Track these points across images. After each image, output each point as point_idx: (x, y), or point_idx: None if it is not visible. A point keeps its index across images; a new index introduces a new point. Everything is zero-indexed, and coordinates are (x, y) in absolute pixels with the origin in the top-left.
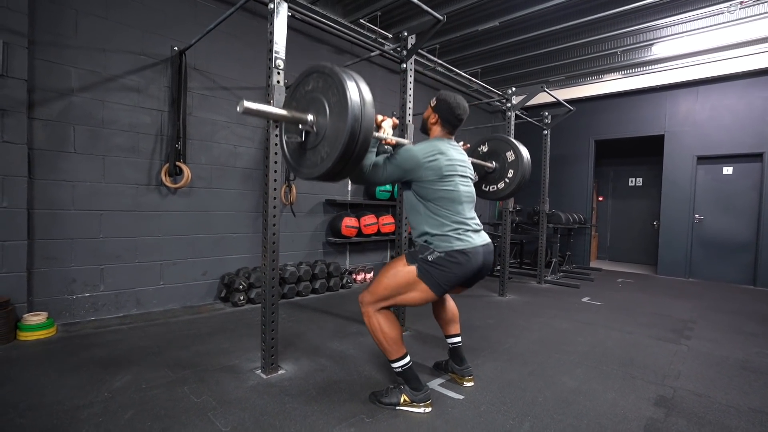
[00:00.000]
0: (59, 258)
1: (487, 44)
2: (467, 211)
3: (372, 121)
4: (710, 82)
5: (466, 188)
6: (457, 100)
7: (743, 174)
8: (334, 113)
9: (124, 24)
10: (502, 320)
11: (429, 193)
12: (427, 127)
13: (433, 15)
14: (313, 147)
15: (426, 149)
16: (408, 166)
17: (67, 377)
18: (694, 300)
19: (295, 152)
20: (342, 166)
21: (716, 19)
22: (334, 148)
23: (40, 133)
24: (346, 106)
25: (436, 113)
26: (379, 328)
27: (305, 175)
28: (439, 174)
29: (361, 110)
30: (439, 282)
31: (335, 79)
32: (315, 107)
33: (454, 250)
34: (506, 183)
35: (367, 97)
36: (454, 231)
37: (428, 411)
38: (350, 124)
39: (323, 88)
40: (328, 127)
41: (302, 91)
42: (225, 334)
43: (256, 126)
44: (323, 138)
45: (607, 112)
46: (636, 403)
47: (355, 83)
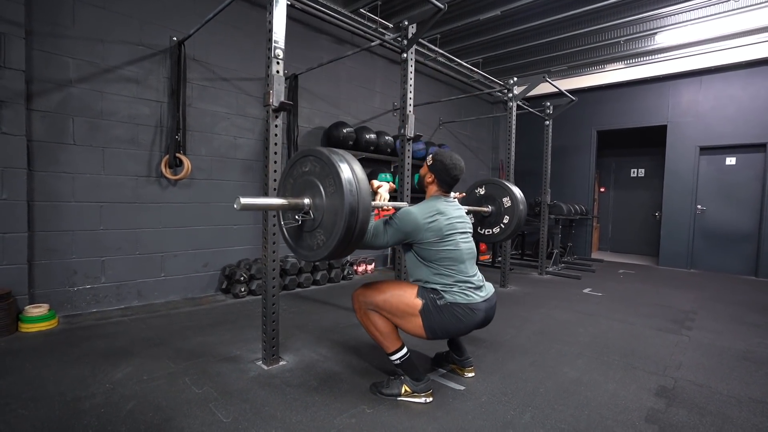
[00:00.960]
0: (60, 250)
1: (489, 34)
2: (469, 268)
3: (369, 210)
4: (714, 72)
5: (467, 245)
6: (453, 160)
7: (746, 164)
8: (330, 201)
9: (122, 14)
10: (503, 311)
11: (431, 255)
12: (424, 185)
13: (434, 4)
14: (311, 231)
15: (425, 210)
16: (408, 229)
17: (68, 369)
18: (695, 291)
19: (293, 234)
20: (340, 251)
21: (721, 7)
22: (330, 237)
23: (38, 125)
24: (342, 198)
25: (432, 173)
26: (372, 323)
27: (304, 257)
28: (439, 234)
29: (357, 201)
30: (435, 328)
31: (332, 171)
32: (311, 191)
33: (458, 303)
34: (501, 229)
35: (364, 185)
36: (459, 289)
37: (429, 401)
38: (347, 215)
39: (320, 174)
40: (325, 212)
41: (299, 171)
42: (226, 326)
43: (256, 117)
44: (319, 224)
45: (609, 102)
46: (637, 393)
47: (351, 172)
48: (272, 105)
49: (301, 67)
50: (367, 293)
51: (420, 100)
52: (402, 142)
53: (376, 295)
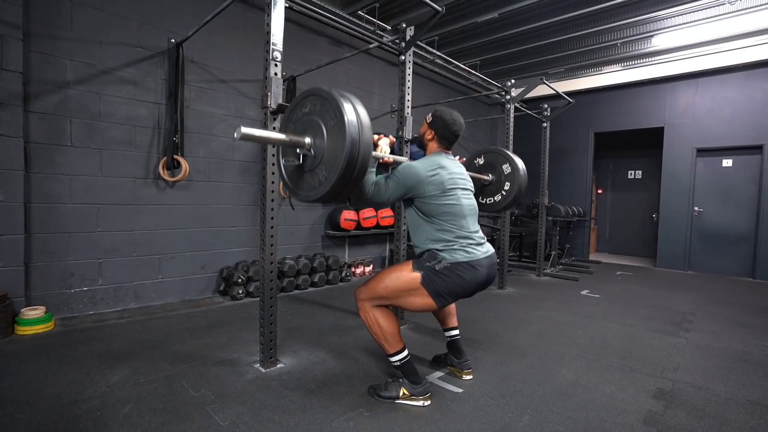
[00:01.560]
0: (57, 252)
1: (486, 36)
2: (471, 224)
3: (370, 143)
4: (710, 74)
5: (468, 201)
6: (452, 116)
7: (743, 166)
8: (331, 136)
9: (120, 16)
10: (501, 313)
11: (432, 209)
12: (424, 143)
13: (432, 6)
14: (311, 170)
15: (427, 164)
16: (410, 183)
17: (65, 371)
18: (693, 292)
19: (293, 175)
20: (341, 188)
21: (717, 10)
22: (332, 171)
23: (36, 127)
24: (343, 129)
25: (432, 129)
26: (375, 323)
27: (304, 198)
28: (441, 188)
29: (359, 132)
30: (442, 292)
31: (332, 103)
32: (312, 130)
33: (460, 261)
34: (503, 195)
35: (365, 119)
36: (459, 245)
37: (427, 404)
38: (348, 146)
39: (320, 111)
40: (326, 150)
41: (299, 113)
42: (224, 328)
43: (254, 119)
44: (321, 161)
45: (606, 104)
46: (635, 395)
47: (352, 106)
48: (270, 107)
49: (299, 68)
50: (368, 287)
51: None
52: (400, 144)
53: (376, 285)
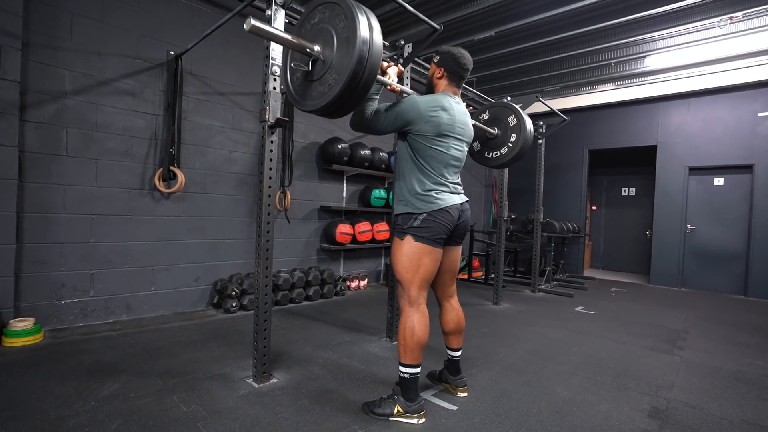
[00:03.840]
0: (48, 262)
1: (483, 53)
2: (451, 174)
3: (380, 48)
4: (702, 95)
5: (457, 152)
6: (460, 50)
7: (734, 185)
8: (341, 40)
9: (119, 27)
10: (496, 329)
11: (421, 149)
12: (433, 84)
13: (430, 24)
14: (320, 77)
15: (430, 102)
16: (409, 117)
17: (53, 385)
18: (686, 310)
19: (299, 85)
20: (348, 95)
21: (708, 33)
22: (341, 74)
23: (32, 136)
24: (354, 31)
25: (441, 67)
26: (411, 329)
27: (309, 107)
28: (436, 131)
29: (369, 35)
30: (433, 238)
31: (343, 5)
32: (322, 38)
33: (434, 209)
34: (509, 147)
35: (375, 24)
36: (434, 191)
37: (422, 422)
38: (359, 47)
39: (330, 18)
40: (336, 56)
41: (308, 26)
42: (217, 342)
43: (251, 132)
44: (330, 66)
45: (600, 122)
46: (630, 414)
47: (362, 9)
48: (268, 121)
49: None
50: (402, 287)
51: None
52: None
53: (401, 276)
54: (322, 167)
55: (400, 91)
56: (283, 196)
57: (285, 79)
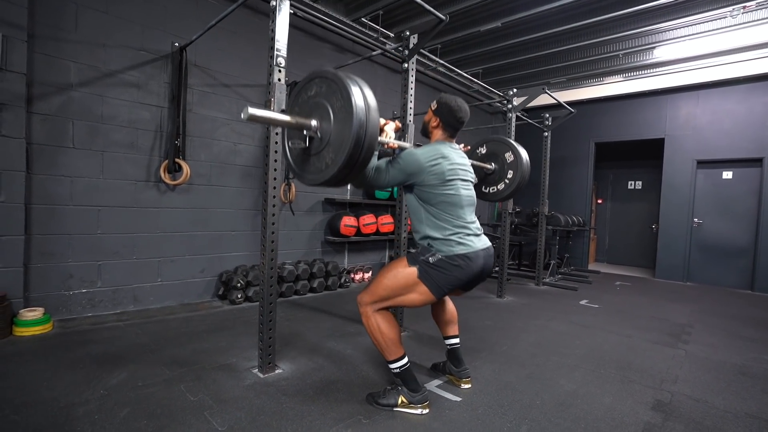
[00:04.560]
0: (57, 253)
1: (489, 45)
2: (468, 215)
3: (377, 126)
4: (711, 87)
5: (467, 192)
6: (458, 103)
7: (742, 179)
8: (338, 118)
9: (124, 19)
10: (500, 322)
11: (431, 198)
12: (428, 130)
13: (436, 15)
14: (318, 153)
15: (429, 153)
16: (411, 170)
17: (62, 374)
18: (691, 304)
19: (298, 158)
20: (347, 171)
21: (719, 23)
22: (339, 154)
23: (38, 128)
24: (350, 112)
25: (437, 116)
26: (377, 328)
27: (309, 181)
28: (441, 178)
29: (366, 115)
30: (440, 284)
31: (339, 84)
32: (318, 113)
33: (456, 254)
34: (506, 184)
35: (372, 101)
36: (456, 235)
37: (426, 413)
38: (355, 129)
39: (326, 93)
40: (333, 133)
41: (305, 97)
42: (222, 333)
43: (256, 124)
44: (327, 143)
45: (607, 114)
46: (633, 407)
47: (359, 88)
48: None
49: (302, 74)
50: (369, 290)
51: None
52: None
53: (376, 287)
54: None
55: (398, 147)
56: (287, 188)
57: (284, 149)
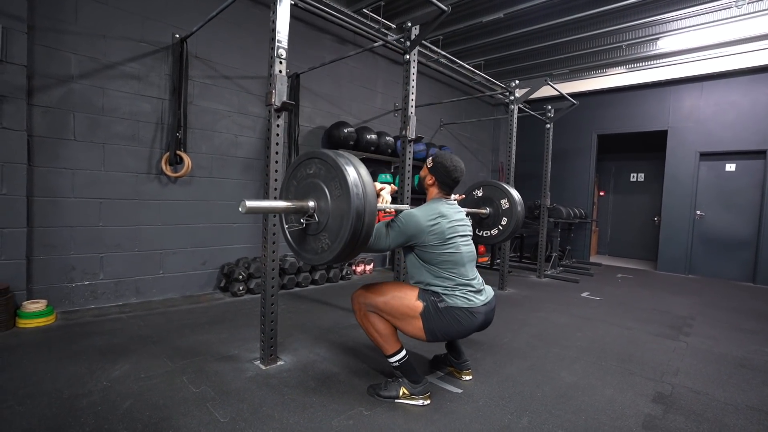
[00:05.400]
0: (59, 246)
1: (491, 36)
2: (470, 271)
3: (374, 213)
4: (715, 78)
5: (467, 248)
6: (453, 162)
7: (746, 171)
8: (335, 206)
9: (124, 10)
10: (502, 314)
11: (432, 258)
12: (424, 187)
13: (438, 6)
14: (315, 234)
15: (428, 213)
16: (411, 232)
17: (66, 365)
18: (693, 296)
19: (297, 237)
20: (345, 255)
21: (723, 14)
22: (335, 241)
23: (39, 120)
24: (348, 202)
25: (433, 175)
26: (371, 326)
27: (307, 260)
28: (442, 238)
29: (363, 205)
30: (435, 330)
31: (338, 174)
32: (316, 194)
33: (459, 307)
34: (500, 230)
35: (370, 188)
36: (459, 291)
37: (427, 404)
38: (353, 220)
39: (325, 177)
40: (330, 217)
41: (303, 173)
42: (224, 324)
43: (257, 116)
44: (324, 228)
45: (610, 106)
46: (634, 399)
47: (357, 175)
48: (274, 105)
49: (303, 66)
50: (367, 295)
51: (421, 101)
52: (403, 143)
53: (376, 296)
54: None
55: (395, 211)
56: None
57: (282, 230)
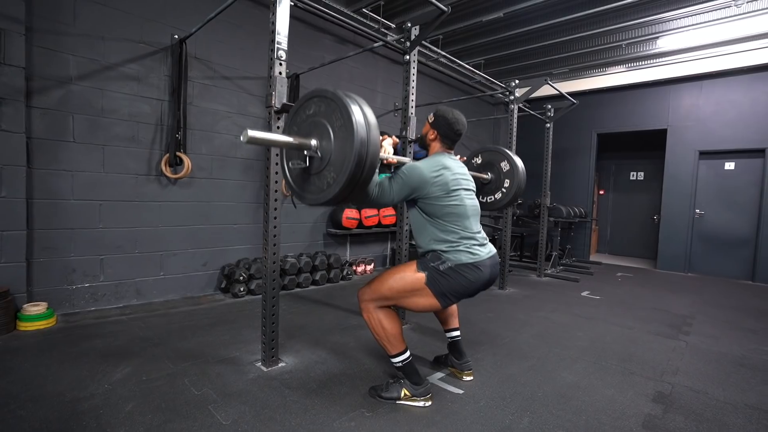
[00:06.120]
0: (59, 248)
1: (491, 35)
2: (474, 225)
3: (378, 144)
4: (714, 77)
5: (472, 201)
6: (455, 115)
7: (745, 170)
8: (338, 137)
9: (123, 11)
10: (502, 314)
11: (436, 210)
12: (426, 143)
13: (438, 6)
14: (318, 172)
15: (431, 165)
16: (415, 184)
17: (67, 368)
18: (693, 295)
19: (298, 178)
20: (350, 190)
21: (723, 13)
22: (341, 173)
23: (38, 122)
24: (351, 130)
25: (435, 129)
26: (378, 324)
27: (310, 201)
28: (446, 189)
29: (367, 132)
30: (446, 292)
31: (338, 104)
32: (318, 132)
33: (464, 263)
34: (503, 193)
35: (372, 119)
36: (463, 245)
37: (428, 405)
38: (357, 148)
39: (326, 113)
40: (333, 152)
41: (303, 116)
42: (225, 326)
43: (257, 116)
44: (328, 163)
45: (610, 105)
46: (634, 399)
47: (359, 106)
48: (274, 107)
49: (303, 66)
50: (372, 287)
51: (421, 101)
52: (403, 144)
53: (380, 286)
54: None
55: (397, 162)
56: None
57: (283, 169)
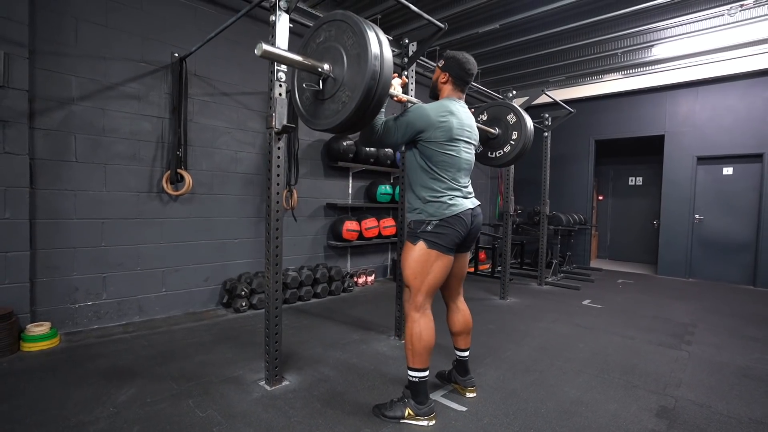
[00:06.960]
0: (61, 267)
1: (488, 46)
2: (463, 178)
3: (390, 62)
4: (710, 83)
5: (468, 155)
6: (465, 55)
7: (743, 174)
8: (352, 57)
9: (124, 31)
10: (504, 325)
11: (433, 155)
12: (438, 88)
13: (435, 24)
14: (332, 95)
15: (438, 108)
16: (420, 125)
17: (72, 390)
18: (694, 301)
19: (310, 105)
20: (362, 112)
21: (716, 21)
22: (355, 92)
23: (41, 143)
24: (365, 47)
25: (446, 71)
26: (418, 336)
27: (322, 126)
28: (448, 136)
29: (380, 50)
30: (446, 244)
31: (350, 23)
32: (331, 56)
33: (448, 216)
34: (511, 146)
35: (383, 38)
36: (446, 196)
37: (432, 424)
38: (371, 62)
39: (336, 36)
40: (347, 73)
41: (313, 45)
42: (228, 343)
43: (256, 131)
44: (342, 84)
45: (607, 112)
46: (638, 414)
47: (369, 25)
48: (275, 128)
49: None
50: (406, 296)
51: None
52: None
53: (410, 281)
54: (327, 164)
55: (406, 100)
56: (289, 194)
57: (294, 100)
